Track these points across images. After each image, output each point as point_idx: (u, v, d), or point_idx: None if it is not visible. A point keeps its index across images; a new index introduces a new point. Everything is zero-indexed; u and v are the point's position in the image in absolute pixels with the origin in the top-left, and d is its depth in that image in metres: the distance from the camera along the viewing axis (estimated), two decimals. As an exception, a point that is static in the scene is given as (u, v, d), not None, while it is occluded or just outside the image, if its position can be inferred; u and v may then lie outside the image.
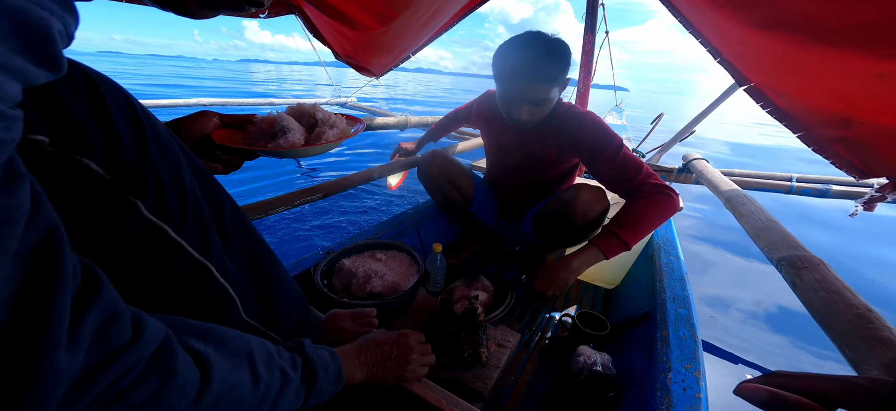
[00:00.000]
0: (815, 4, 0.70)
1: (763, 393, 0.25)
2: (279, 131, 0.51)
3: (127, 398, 0.24)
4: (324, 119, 0.54)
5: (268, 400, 0.35)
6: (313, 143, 0.52)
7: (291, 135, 0.51)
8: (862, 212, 0.98)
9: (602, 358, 0.68)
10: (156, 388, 0.26)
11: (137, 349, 0.25)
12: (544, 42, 0.84)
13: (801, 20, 0.74)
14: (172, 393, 0.27)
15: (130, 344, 0.25)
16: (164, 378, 0.26)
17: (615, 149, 0.88)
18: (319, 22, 1.62)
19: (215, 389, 0.30)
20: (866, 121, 0.83)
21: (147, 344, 0.26)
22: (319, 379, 0.40)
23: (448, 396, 0.50)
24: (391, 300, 0.75)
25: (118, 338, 0.24)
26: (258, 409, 0.35)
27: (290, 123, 0.52)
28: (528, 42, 0.84)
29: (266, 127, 0.52)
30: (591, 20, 1.60)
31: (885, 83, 0.72)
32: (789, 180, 1.59)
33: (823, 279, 0.46)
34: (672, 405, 0.44)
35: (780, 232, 0.69)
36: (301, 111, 0.55)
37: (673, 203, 0.82)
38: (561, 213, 0.93)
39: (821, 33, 0.73)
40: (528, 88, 0.85)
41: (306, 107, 0.55)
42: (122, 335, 0.24)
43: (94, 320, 0.22)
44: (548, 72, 0.84)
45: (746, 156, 6.08)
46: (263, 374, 0.35)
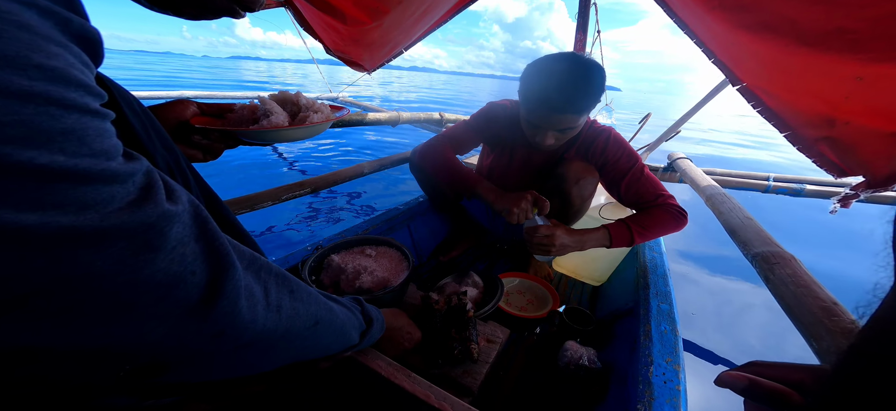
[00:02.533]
0: (799, 9, 0.72)
1: (743, 380, 0.26)
2: (261, 115, 0.50)
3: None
4: (307, 105, 0.54)
5: (344, 329, 0.43)
6: (298, 126, 0.51)
7: (275, 117, 0.50)
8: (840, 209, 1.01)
9: (588, 353, 0.69)
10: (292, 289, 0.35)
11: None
12: (578, 70, 0.78)
13: (787, 24, 0.76)
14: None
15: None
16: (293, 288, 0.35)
17: (638, 172, 0.91)
18: (310, 16, 1.60)
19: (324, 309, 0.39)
20: (851, 122, 0.86)
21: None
22: (374, 327, 0.49)
23: (437, 391, 0.50)
24: (381, 296, 0.75)
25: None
26: (343, 328, 0.43)
27: (273, 107, 0.51)
28: (560, 67, 0.78)
29: (247, 113, 0.51)
30: (582, 19, 1.62)
31: (865, 85, 0.74)
32: (766, 179, 1.65)
33: (794, 274, 0.48)
34: (653, 397, 0.45)
35: (756, 229, 0.71)
36: (284, 98, 0.54)
37: (683, 222, 0.88)
38: (555, 188, 0.95)
39: (805, 37, 0.75)
40: (557, 118, 0.80)
41: (289, 95, 0.54)
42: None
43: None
44: (578, 103, 0.78)
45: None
46: (339, 312, 0.43)
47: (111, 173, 0.21)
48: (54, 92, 0.19)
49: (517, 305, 0.98)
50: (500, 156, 1.09)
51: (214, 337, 0.27)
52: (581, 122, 0.84)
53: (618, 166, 0.93)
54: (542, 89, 0.79)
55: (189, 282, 0.25)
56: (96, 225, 0.20)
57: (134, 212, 0.22)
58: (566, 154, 1.00)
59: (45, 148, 0.18)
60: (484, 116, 1.04)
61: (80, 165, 0.20)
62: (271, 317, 0.32)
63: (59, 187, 0.19)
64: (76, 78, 0.21)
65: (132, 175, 0.23)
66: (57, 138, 0.19)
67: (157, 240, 0.23)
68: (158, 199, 0.23)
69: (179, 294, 0.24)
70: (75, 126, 0.20)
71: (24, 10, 0.19)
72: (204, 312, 0.26)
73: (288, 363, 0.37)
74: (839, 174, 0.95)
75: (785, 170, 1.86)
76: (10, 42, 0.18)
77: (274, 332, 0.32)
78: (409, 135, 4.52)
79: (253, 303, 0.30)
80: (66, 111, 0.20)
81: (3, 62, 0.17)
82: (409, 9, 1.50)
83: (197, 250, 0.25)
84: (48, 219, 0.18)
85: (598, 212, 1.11)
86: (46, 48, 0.19)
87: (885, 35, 0.63)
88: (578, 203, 0.97)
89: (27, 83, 0.18)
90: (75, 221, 0.19)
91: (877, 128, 0.79)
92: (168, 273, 0.23)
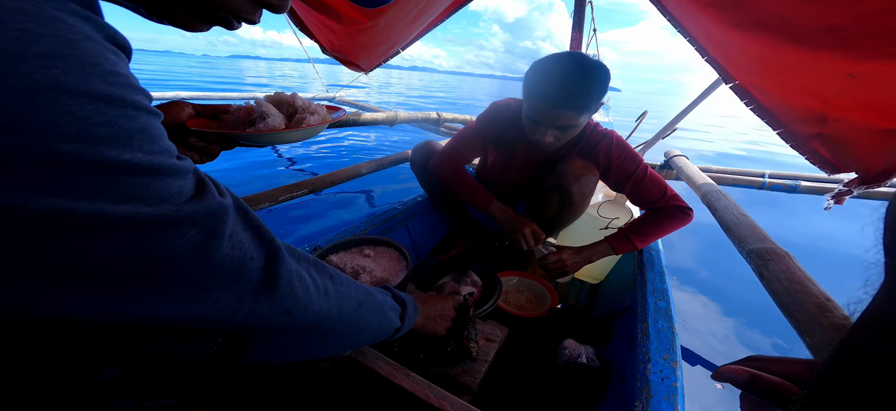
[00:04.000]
0: (791, 7, 0.73)
1: (743, 374, 0.26)
2: (258, 118, 0.50)
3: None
4: (303, 106, 0.53)
5: (384, 309, 0.46)
6: (294, 128, 0.51)
7: (271, 119, 0.50)
8: (833, 205, 1.02)
9: (586, 351, 0.70)
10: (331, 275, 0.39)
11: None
12: (580, 67, 0.78)
13: (778, 21, 0.77)
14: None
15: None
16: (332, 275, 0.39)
17: (641, 174, 0.92)
18: (306, 16, 1.59)
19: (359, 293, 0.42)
20: (842, 118, 0.87)
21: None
22: (408, 308, 0.51)
23: (435, 390, 0.50)
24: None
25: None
26: (383, 310, 0.46)
27: (269, 109, 0.50)
28: (563, 64, 0.79)
29: (243, 115, 0.51)
30: (578, 17, 1.62)
31: (856, 82, 0.75)
32: (762, 176, 1.66)
33: (788, 270, 0.48)
34: (651, 394, 0.46)
35: (751, 225, 0.72)
36: (280, 99, 0.54)
37: (687, 219, 0.90)
38: (556, 185, 0.96)
39: (796, 34, 0.76)
40: (556, 114, 0.80)
41: (285, 96, 0.54)
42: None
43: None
44: (579, 100, 0.78)
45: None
46: (376, 293, 0.46)
47: (177, 168, 0.24)
48: (127, 95, 0.21)
49: (516, 303, 0.99)
50: (502, 153, 1.09)
51: (283, 315, 0.31)
52: (581, 122, 0.83)
53: (622, 170, 0.94)
54: (543, 85, 0.80)
55: (249, 267, 0.28)
56: (172, 214, 0.23)
57: (199, 203, 0.25)
58: (567, 154, 1.01)
59: (128, 146, 0.21)
60: (488, 117, 1.05)
61: (155, 161, 0.22)
62: (323, 299, 0.35)
63: (141, 181, 0.21)
64: (135, 82, 0.23)
65: (189, 170, 0.25)
66: (135, 137, 0.21)
67: (220, 228, 0.26)
68: (213, 192, 0.26)
69: (245, 277, 0.28)
70: (146, 125, 0.22)
71: (83, 24, 0.20)
72: (269, 291, 0.29)
73: (348, 348, 0.43)
74: (832, 170, 0.96)
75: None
76: (86, 52, 0.20)
77: (329, 313, 0.36)
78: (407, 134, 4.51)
79: (305, 286, 0.33)
80: (138, 112, 0.22)
81: (86, 70, 0.19)
82: (405, 8, 1.50)
83: (249, 237, 0.29)
84: (137, 209, 0.21)
85: (596, 211, 1.12)
86: (109, 57, 0.21)
87: (875, 32, 0.64)
88: (579, 200, 0.98)
89: (107, 88, 0.20)
90: (157, 211, 0.22)
91: (869, 125, 0.79)
92: (232, 258, 0.27)
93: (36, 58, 0.18)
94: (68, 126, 0.18)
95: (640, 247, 0.92)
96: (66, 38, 0.19)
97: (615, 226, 1.07)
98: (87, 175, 0.19)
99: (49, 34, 0.18)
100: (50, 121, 0.18)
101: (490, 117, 1.04)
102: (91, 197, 0.19)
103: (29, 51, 0.18)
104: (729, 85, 1.12)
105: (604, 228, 1.09)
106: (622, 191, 0.98)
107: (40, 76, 0.18)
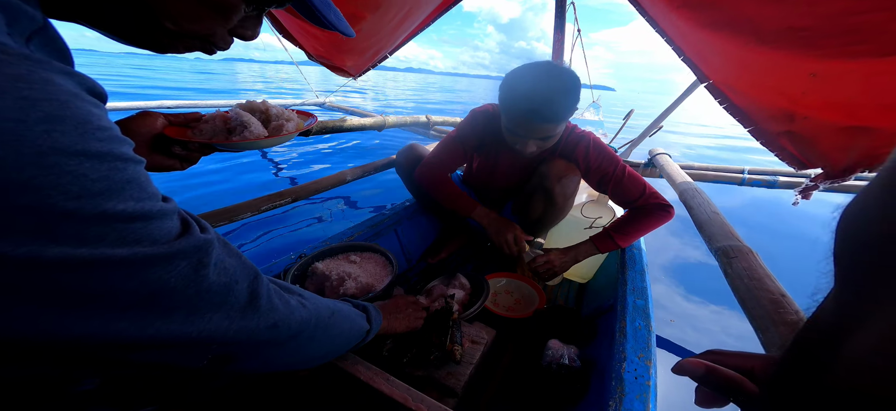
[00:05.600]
0: (755, 8, 0.75)
1: (700, 367, 0.27)
2: (237, 126, 0.52)
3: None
4: (278, 114, 0.56)
5: (351, 315, 0.50)
6: (275, 135, 0.54)
7: (254, 127, 0.53)
8: (801, 200, 1.06)
9: (569, 352, 0.71)
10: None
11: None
12: (554, 78, 0.81)
13: (745, 22, 0.80)
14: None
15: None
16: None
17: (619, 173, 0.95)
18: (288, 22, 1.59)
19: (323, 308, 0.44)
20: (809, 116, 0.90)
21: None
22: (370, 311, 0.55)
23: (414, 393, 0.50)
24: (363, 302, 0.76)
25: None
26: (351, 316, 0.50)
27: (249, 119, 0.53)
28: (537, 79, 0.81)
29: (220, 123, 0.53)
30: (559, 20, 1.64)
31: (819, 81, 0.78)
32: (741, 172, 1.71)
33: (749, 267, 0.50)
34: (624, 393, 0.47)
35: (721, 224, 0.74)
36: (252, 107, 0.56)
37: (667, 216, 0.93)
38: (539, 186, 0.99)
39: (762, 35, 0.79)
40: (537, 128, 0.83)
41: (256, 104, 0.56)
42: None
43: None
44: (557, 112, 0.81)
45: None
46: (339, 304, 0.49)
47: (164, 211, 0.27)
48: (116, 149, 0.24)
49: (505, 305, 1.00)
50: (486, 159, 1.10)
51: (270, 328, 0.35)
52: (559, 130, 0.87)
53: (601, 171, 0.97)
54: (521, 101, 0.81)
55: (235, 289, 0.32)
56: (165, 252, 0.26)
57: (186, 240, 0.28)
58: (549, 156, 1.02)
59: (121, 196, 0.24)
60: (469, 126, 1.06)
61: (145, 207, 0.25)
62: (300, 310, 0.39)
63: (135, 226, 0.25)
64: (118, 133, 0.25)
65: (174, 212, 0.29)
66: (126, 187, 0.24)
67: (206, 258, 0.30)
68: (195, 229, 0.30)
69: (232, 298, 0.32)
70: (134, 176, 0.25)
71: (68, 81, 0.22)
72: (254, 308, 0.34)
73: (329, 356, 0.47)
74: (800, 166, 0.99)
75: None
76: (78, 112, 0.22)
77: (309, 321, 0.40)
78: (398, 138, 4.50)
79: (284, 300, 0.38)
80: (126, 164, 0.24)
81: (79, 129, 0.22)
82: (388, 14, 1.51)
83: (233, 264, 0.33)
84: (135, 250, 0.24)
85: (580, 211, 1.14)
86: (95, 112, 0.23)
87: (834, 32, 0.67)
88: (562, 201, 1.00)
89: (99, 145, 0.23)
90: (151, 251, 0.25)
91: (833, 122, 0.83)
92: (219, 283, 0.31)
93: (38, 123, 0.20)
94: (70, 185, 0.21)
95: (622, 245, 0.95)
96: (59, 101, 0.21)
97: (599, 225, 1.09)
98: (88, 226, 0.22)
99: (45, 98, 0.20)
100: (55, 181, 0.21)
101: (470, 125, 1.05)
102: (92, 244, 0.22)
103: (31, 118, 0.20)
104: (704, 84, 1.16)
105: (588, 228, 1.10)
106: (605, 192, 1.01)
107: (44, 142, 0.20)
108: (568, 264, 0.99)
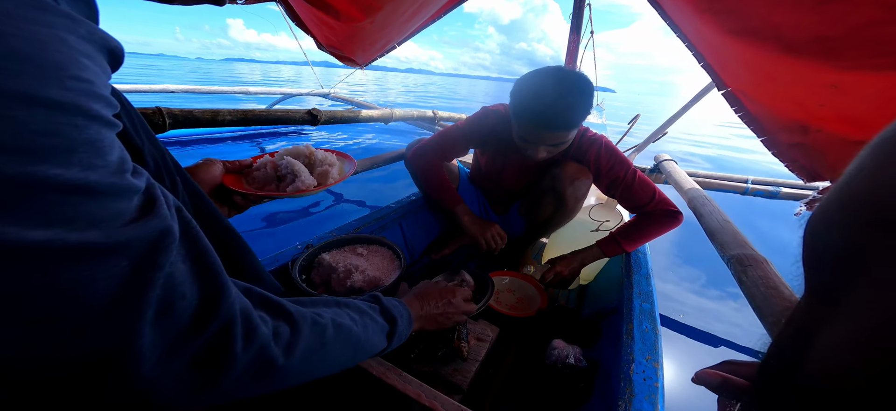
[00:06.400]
0: (784, 15, 0.74)
1: (716, 378, 0.28)
2: (288, 174, 0.57)
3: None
4: (322, 159, 0.61)
5: (366, 336, 0.42)
6: (322, 183, 0.58)
7: (304, 177, 0.57)
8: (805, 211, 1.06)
9: (574, 352, 0.72)
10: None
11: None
12: (567, 87, 0.79)
13: (771, 30, 0.79)
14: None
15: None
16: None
17: (630, 178, 0.94)
18: (303, 12, 1.58)
19: (327, 328, 0.36)
20: (823, 129, 0.90)
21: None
22: (399, 324, 0.47)
23: (427, 390, 0.51)
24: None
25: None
26: (364, 341, 0.41)
27: (297, 166, 0.57)
28: (550, 85, 0.79)
29: (270, 170, 0.58)
30: (577, 21, 1.63)
31: (839, 93, 0.78)
32: (745, 182, 1.72)
33: (765, 276, 0.51)
34: (634, 394, 0.47)
35: (733, 232, 0.75)
36: (297, 152, 0.61)
37: (676, 222, 0.93)
38: (550, 188, 0.99)
39: (787, 43, 0.78)
40: (549, 135, 0.82)
41: (301, 149, 0.61)
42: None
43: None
44: (569, 120, 0.80)
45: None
46: (358, 318, 0.41)
47: (119, 187, 0.21)
48: (83, 102, 0.19)
49: (507, 303, 1.00)
50: (494, 159, 1.10)
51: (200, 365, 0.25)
52: (572, 135, 0.86)
53: (611, 174, 0.97)
54: (534, 107, 0.80)
55: (178, 306, 0.23)
56: (101, 242, 0.19)
57: (139, 228, 0.21)
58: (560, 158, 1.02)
59: (64, 159, 0.18)
60: (477, 124, 1.04)
61: (90, 178, 0.19)
62: (283, 349, 0.30)
63: (70, 200, 0.18)
64: (101, 90, 0.21)
65: (137, 190, 0.22)
66: (79, 149, 0.19)
67: (160, 258, 0.22)
68: (161, 214, 0.23)
69: (174, 318, 0.23)
70: (95, 137, 0.20)
71: (58, 21, 0.19)
72: (199, 334, 0.24)
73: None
74: (809, 178, 0.99)
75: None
76: (54, 55, 0.18)
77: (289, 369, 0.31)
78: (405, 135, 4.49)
79: (260, 333, 0.28)
80: (89, 121, 0.20)
81: (44, 73, 0.18)
82: (402, 6, 1.50)
83: (186, 270, 0.24)
84: (53, 236, 0.17)
85: (588, 214, 1.14)
86: (80, 60, 0.20)
87: (860, 42, 0.66)
88: (572, 203, 1.00)
89: (61, 93, 0.18)
90: (81, 238, 0.18)
91: (845, 136, 0.83)
92: (160, 297, 0.22)
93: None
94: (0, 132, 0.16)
95: (628, 250, 0.95)
96: (35, 40, 0.18)
97: (606, 228, 1.09)
98: (3, 190, 0.16)
99: (16, 34, 0.17)
100: None
101: (479, 123, 1.04)
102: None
103: None
104: (721, 91, 1.15)
105: (595, 230, 1.11)
106: (614, 196, 1.01)
107: None
108: (577, 269, 1.00)
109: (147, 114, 0.86)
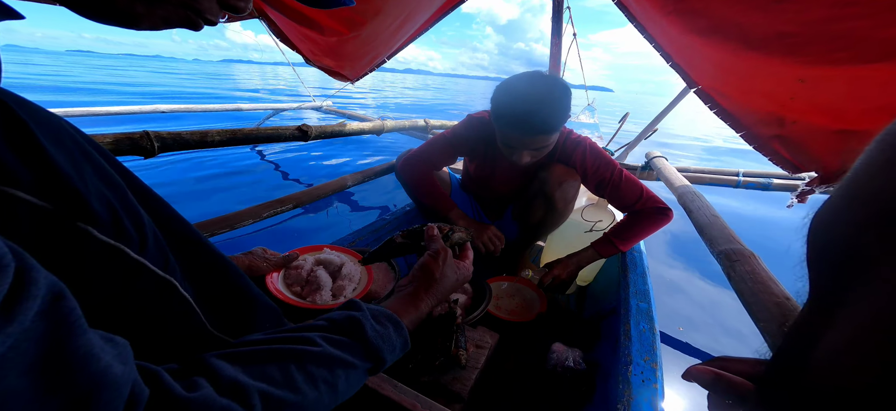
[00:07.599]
0: (743, 14, 0.77)
1: (708, 374, 0.28)
2: (313, 281, 0.67)
3: None
4: (347, 274, 0.70)
5: (340, 390, 0.36)
6: (336, 297, 0.67)
7: (325, 293, 0.66)
8: (797, 203, 1.08)
9: (573, 355, 0.72)
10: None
11: None
12: (545, 93, 0.81)
13: (734, 28, 0.82)
14: None
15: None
16: None
17: (617, 178, 0.96)
18: (286, 27, 1.58)
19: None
20: (798, 120, 0.92)
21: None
22: (385, 358, 0.40)
23: (423, 400, 0.50)
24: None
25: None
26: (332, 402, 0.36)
27: (322, 280, 0.67)
28: (527, 92, 0.82)
29: (303, 275, 0.69)
30: (557, 24, 1.66)
31: (807, 87, 0.80)
32: (736, 175, 1.74)
33: (752, 271, 0.51)
34: (632, 396, 0.47)
35: (722, 227, 0.76)
36: (329, 261, 0.72)
37: (666, 219, 0.94)
38: (539, 191, 1.00)
39: (751, 41, 0.81)
40: (530, 140, 0.84)
41: (333, 258, 0.72)
42: None
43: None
44: (547, 123, 0.82)
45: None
46: (327, 377, 0.35)
47: None
48: None
49: (506, 309, 1.00)
50: (483, 165, 1.11)
51: None
52: (554, 139, 0.88)
53: (598, 176, 0.98)
54: (512, 113, 0.82)
55: None
56: None
57: None
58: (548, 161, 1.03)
59: None
60: (463, 132, 1.06)
61: None
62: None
63: None
64: None
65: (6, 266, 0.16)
66: None
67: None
68: (25, 307, 0.16)
69: None
70: None
71: None
72: None
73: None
74: (794, 170, 1.01)
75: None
76: None
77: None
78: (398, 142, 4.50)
79: None
80: None
81: None
82: (387, 19, 1.51)
83: (26, 386, 0.16)
84: None
85: (580, 215, 1.15)
86: None
87: (819, 38, 0.68)
88: (562, 205, 1.01)
89: None
90: None
91: (823, 126, 0.85)
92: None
93: None
94: None
95: (623, 249, 0.96)
96: None
97: (599, 228, 1.10)
98: None
99: None
100: None
101: (465, 131, 1.06)
102: None
103: None
104: (693, 89, 1.18)
105: (588, 231, 1.12)
106: (603, 196, 1.02)
107: None
108: (575, 271, 1.00)
109: (134, 137, 0.85)
